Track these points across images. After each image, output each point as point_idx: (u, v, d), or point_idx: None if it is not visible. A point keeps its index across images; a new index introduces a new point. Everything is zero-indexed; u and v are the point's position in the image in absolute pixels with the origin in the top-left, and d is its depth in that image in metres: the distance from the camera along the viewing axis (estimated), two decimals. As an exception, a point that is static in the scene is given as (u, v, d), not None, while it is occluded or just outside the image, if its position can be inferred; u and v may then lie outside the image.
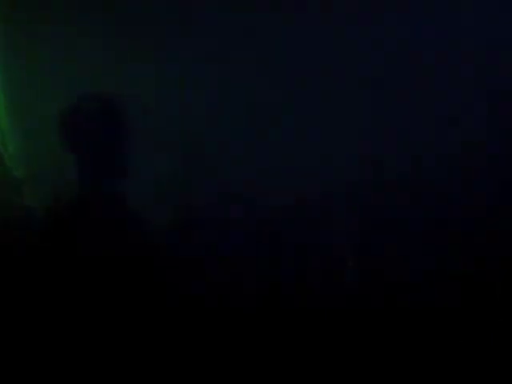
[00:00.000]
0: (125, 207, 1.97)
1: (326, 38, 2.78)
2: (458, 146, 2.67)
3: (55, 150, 2.06)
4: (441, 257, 2.58)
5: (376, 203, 2.70)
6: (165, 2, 2.83)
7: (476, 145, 2.67)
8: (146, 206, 2.13)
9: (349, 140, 2.72)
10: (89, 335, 1.83)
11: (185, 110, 2.78)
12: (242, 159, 2.75)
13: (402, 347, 2.44)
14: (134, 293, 1.87)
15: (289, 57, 2.82)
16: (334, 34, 2.77)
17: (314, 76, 2.79)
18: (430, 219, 2.64)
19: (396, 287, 2.54)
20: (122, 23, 2.82)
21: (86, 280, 1.83)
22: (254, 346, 2.41)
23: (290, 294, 2.54)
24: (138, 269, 1.89)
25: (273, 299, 2.51)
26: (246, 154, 2.76)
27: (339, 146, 2.72)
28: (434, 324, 2.47)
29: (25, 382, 1.86)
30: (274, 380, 2.36)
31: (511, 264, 2.52)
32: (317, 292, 2.56)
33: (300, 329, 2.46)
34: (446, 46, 2.75)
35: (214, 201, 2.71)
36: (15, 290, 1.89)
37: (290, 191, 2.69)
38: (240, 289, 2.53)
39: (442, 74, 2.75)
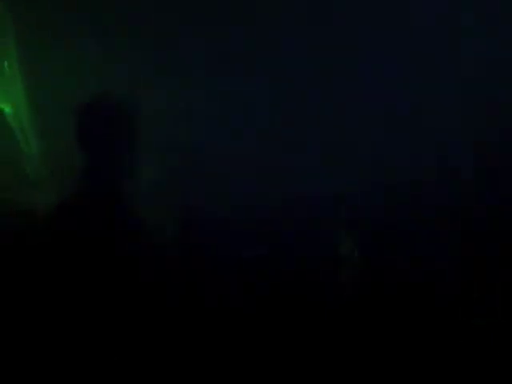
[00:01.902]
0: (137, 207, 1.97)
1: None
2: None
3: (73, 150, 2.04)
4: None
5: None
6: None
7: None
8: (156, 206, 2.13)
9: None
10: (92, 334, 1.82)
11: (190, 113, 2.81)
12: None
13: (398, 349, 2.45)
14: (131, 293, 1.86)
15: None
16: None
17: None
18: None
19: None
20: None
21: (93, 278, 1.84)
22: (251, 345, 2.42)
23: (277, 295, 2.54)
24: (146, 268, 1.90)
25: (268, 299, 2.52)
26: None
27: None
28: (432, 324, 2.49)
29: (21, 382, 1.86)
30: (273, 380, 2.37)
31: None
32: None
33: (297, 329, 2.47)
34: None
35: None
36: (27, 286, 1.89)
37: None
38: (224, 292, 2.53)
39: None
